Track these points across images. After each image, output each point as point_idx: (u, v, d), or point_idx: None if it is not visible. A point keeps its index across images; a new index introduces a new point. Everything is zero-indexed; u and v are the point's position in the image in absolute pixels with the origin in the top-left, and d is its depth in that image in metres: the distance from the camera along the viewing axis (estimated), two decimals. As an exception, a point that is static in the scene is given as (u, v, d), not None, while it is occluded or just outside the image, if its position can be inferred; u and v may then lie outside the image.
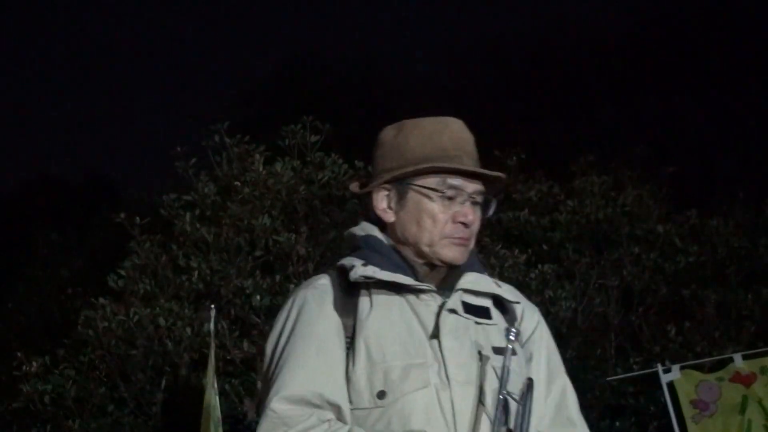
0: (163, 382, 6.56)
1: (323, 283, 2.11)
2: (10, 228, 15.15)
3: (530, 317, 2.28)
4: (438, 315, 2.07)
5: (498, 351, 2.09)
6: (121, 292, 6.67)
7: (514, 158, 8.18)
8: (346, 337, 2.05)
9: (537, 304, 7.46)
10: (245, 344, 6.36)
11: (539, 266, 6.96)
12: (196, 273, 6.57)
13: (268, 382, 2.05)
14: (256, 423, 2.03)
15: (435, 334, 2.05)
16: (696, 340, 7.32)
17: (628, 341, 7.47)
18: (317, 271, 2.33)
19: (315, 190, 6.94)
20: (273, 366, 2.06)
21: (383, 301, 2.07)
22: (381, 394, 1.98)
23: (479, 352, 2.07)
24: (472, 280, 2.16)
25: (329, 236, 6.93)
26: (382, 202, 2.15)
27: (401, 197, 2.12)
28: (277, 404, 1.98)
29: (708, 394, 6.54)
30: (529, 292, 6.75)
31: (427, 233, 2.10)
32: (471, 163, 2.14)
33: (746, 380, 6.55)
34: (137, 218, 6.71)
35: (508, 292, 2.25)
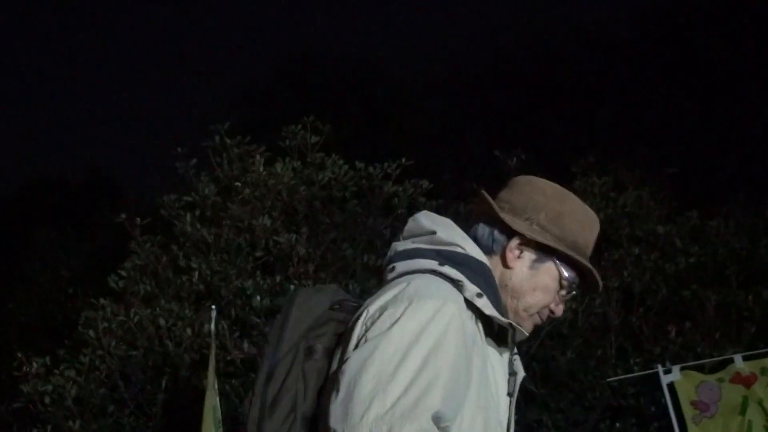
0: (164, 383, 6.56)
1: (462, 301, 1.99)
2: (10, 228, 15.13)
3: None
4: (511, 375, 2.14)
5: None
6: (122, 292, 6.67)
7: (515, 159, 8.19)
8: None
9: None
10: (246, 345, 6.36)
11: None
12: (196, 273, 6.57)
13: (405, 381, 1.83)
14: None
15: (510, 393, 2.13)
16: (696, 341, 7.32)
17: (629, 342, 7.46)
18: (320, 272, 2.26)
19: (315, 191, 6.95)
20: (414, 366, 1.85)
21: (485, 341, 2.07)
22: None
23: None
24: (517, 355, 2.24)
25: (329, 237, 6.93)
26: (517, 246, 2.14)
27: (538, 260, 2.15)
28: (427, 424, 1.81)
29: (708, 395, 6.54)
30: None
31: (533, 302, 2.16)
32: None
33: (746, 381, 6.55)
34: (138, 219, 6.71)
35: None
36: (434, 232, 2.12)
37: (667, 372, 6.56)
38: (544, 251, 2.14)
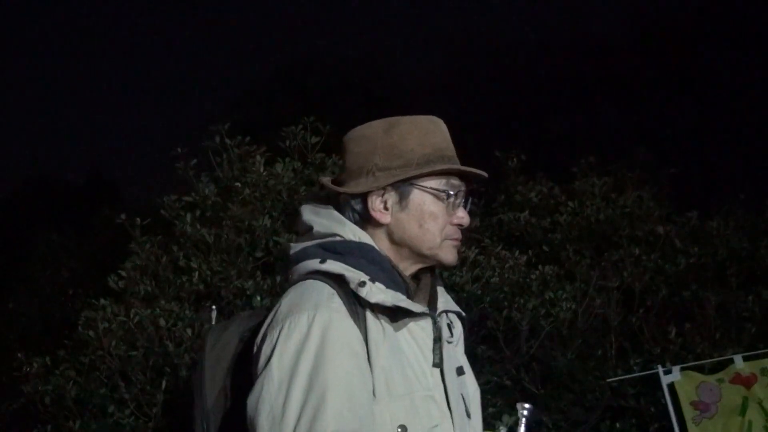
0: (164, 383, 6.55)
1: (338, 301, 1.93)
2: (10, 228, 15.14)
3: (458, 325, 2.25)
4: (436, 342, 2.04)
5: (458, 371, 2.12)
6: (122, 292, 6.67)
7: (515, 159, 8.20)
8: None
9: (537, 306, 7.39)
10: (245, 345, 6.35)
11: (540, 267, 6.97)
12: (196, 274, 6.57)
13: (295, 411, 1.81)
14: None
15: (437, 363, 2.03)
16: (696, 342, 7.32)
17: (629, 342, 7.46)
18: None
19: (316, 192, 6.94)
20: (299, 395, 1.81)
21: (390, 326, 1.99)
22: (403, 428, 1.91)
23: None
24: (445, 300, 2.15)
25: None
26: (377, 201, 2.06)
27: (402, 197, 2.05)
28: None
29: (708, 396, 6.54)
30: (530, 294, 6.75)
31: (429, 235, 2.06)
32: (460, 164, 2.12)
33: (747, 381, 6.55)
34: (138, 219, 6.71)
35: (453, 302, 2.22)
36: (312, 227, 2.09)
37: (667, 372, 6.56)
38: (401, 187, 2.05)
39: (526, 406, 2.26)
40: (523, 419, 2.23)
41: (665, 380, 6.51)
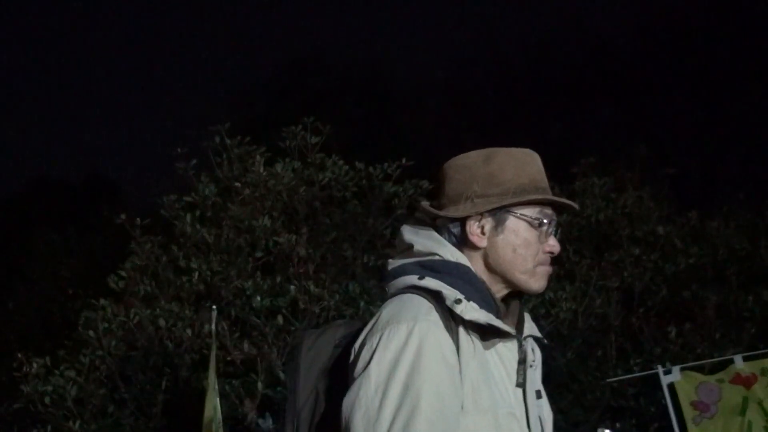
0: (164, 383, 6.56)
1: (436, 315, 2.02)
2: (10, 228, 15.14)
3: (538, 351, 2.35)
4: (521, 364, 2.15)
5: (537, 395, 2.21)
6: (122, 293, 6.67)
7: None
8: None
9: (537, 305, 7.39)
10: (246, 345, 6.36)
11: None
12: (196, 274, 6.57)
13: (389, 414, 1.91)
14: (257, 424, 2.01)
15: (521, 384, 2.14)
16: (696, 342, 7.32)
17: (629, 342, 7.46)
18: (320, 273, 2.26)
19: (315, 192, 6.95)
20: (395, 399, 1.92)
21: (480, 344, 2.09)
22: None
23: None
24: (531, 326, 2.25)
25: (330, 237, 6.93)
26: (475, 226, 2.16)
27: (498, 224, 2.15)
28: None
29: (708, 396, 6.54)
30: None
31: (522, 260, 2.16)
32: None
33: (747, 382, 6.55)
34: (138, 219, 6.71)
35: (536, 328, 2.32)
36: (412, 246, 2.19)
37: (667, 372, 6.56)
38: (498, 214, 2.15)
39: (607, 431, 2.34)
40: None
41: (665, 380, 6.51)
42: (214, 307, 5.45)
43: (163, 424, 6.58)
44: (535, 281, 2.17)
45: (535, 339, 2.27)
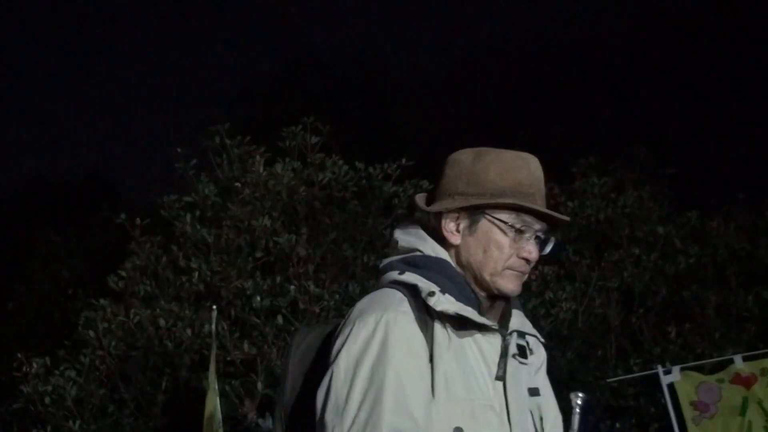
0: (164, 383, 6.57)
1: (407, 307, 2.07)
2: (10, 228, 15.14)
3: (540, 352, 2.36)
4: (502, 357, 2.15)
5: (532, 392, 2.23)
6: (122, 293, 6.67)
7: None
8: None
9: (537, 306, 7.37)
10: (245, 345, 6.36)
11: (540, 267, 6.97)
12: (196, 274, 6.57)
13: (356, 403, 1.97)
14: (257, 425, 2.03)
15: (500, 377, 2.14)
16: (696, 342, 7.32)
17: (629, 342, 7.47)
18: (320, 273, 2.30)
19: (315, 192, 6.95)
20: (361, 388, 1.98)
21: (458, 335, 2.11)
22: (458, 431, 2.03)
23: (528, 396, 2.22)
24: (519, 321, 2.25)
25: (329, 237, 6.93)
26: (451, 223, 2.18)
27: (472, 223, 2.16)
28: None
29: (708, 396, 6.53)
30: (530, 294, 6.75)
31: (492, 262, 2.16)
32: (543, 203, 2.21)
33: (746, 382, 6.55)
34: (138, 219, 6.71)
35: (531, 326, 2.32)
36: (397, 243, 2.23)
37: (667, 372, 6.55)
38: (473, 213, 2.16)
39: (580, 395, 2.31)
40: (577, 408, 2.28)
41: (665, 380, 6.50)
42: (214, 307, 5.45)
43: (163, 424, 6.58)
44: (504, 283, 2.16)
45: (537, 339, 2.28)
